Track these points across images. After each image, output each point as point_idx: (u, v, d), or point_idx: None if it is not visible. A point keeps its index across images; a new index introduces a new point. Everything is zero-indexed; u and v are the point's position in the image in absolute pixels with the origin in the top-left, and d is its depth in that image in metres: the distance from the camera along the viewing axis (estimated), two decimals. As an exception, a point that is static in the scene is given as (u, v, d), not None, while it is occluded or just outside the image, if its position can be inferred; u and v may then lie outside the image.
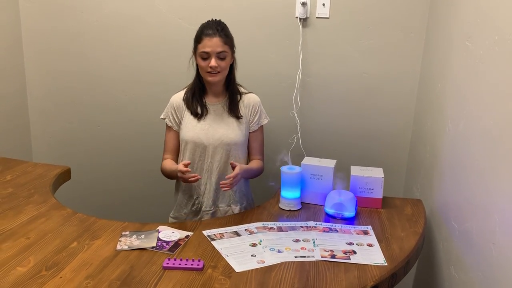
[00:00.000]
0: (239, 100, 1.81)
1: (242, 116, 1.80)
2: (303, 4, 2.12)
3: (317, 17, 2.16)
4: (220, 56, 1.68)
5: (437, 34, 1.92)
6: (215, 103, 1.80)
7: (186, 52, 1.76)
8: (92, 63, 2.40)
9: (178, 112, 1.81)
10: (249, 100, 1.83)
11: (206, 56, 1.68)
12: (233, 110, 1.79)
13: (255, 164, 1.83)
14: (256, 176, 1.87)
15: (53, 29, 2.38)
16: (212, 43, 1.66)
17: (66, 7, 2.34)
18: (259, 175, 1.87)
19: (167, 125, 1.84)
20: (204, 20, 1.74)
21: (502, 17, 1.24)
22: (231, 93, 1.80)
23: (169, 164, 1.78)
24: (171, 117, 1.82)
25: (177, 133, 1.82)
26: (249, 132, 1.84)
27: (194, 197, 1.82)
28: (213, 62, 1.67)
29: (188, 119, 1.78)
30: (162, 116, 1.85)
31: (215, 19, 1.75)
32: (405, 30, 2.13)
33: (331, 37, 2.18)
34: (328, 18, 2.16)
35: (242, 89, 1.84)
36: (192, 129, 1.77)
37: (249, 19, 2.20)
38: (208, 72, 1.70)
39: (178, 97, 1.83)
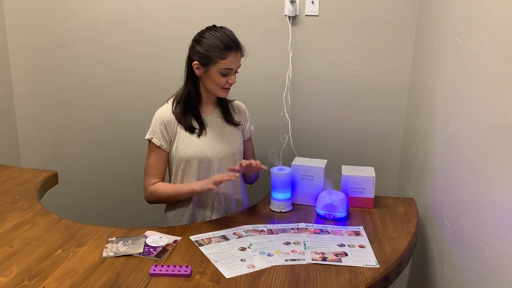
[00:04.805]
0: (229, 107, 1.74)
1: (240, 122, 1.73)
2: (292, 2, 2.09)
3: (306, 15, 2.13)
4: (236, 71, 1.61)
5: (427, 30, 1.90)
6: (210, 113, 1.69)
7: (175, 52, 1.71)
8: (79, 65, 2.36)
9: (169, 129, 1.63)
10: (238, 108, 1.76)
11: (227, 73, 1.57)
12: (229, 117, 1.71)
13: None
14: (254, 178, 1.80)
15: (39, 31, 2.34)
16: (237, 60, 1.58)
17: (52, 9, 2.30)
18: (256, 179, 1.82)
19: (154, 145, 1.63)
20: (193, 20, 1.69)
21: (492, 13, 1.22)
22: (224, 101, 1.72)
23: (170, 186, 1.64)
24: (160, 135, 1.62)
25: (166, 154, 1.65)
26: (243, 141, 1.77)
27: (199, 221, 1.68)
28: (233, 78, 1.58)
29: (184, 134, 1.63)
30: (147, 137, 1.64)
31: (228, 30, 1.59)
32: (395, 26, 2.11)
33: (321, 35, 2.16)
34: (317, 16, 2.13)
35: None
36: (192, 144, 1.62)
37: (237, 18, 2.17)
38: (224, 88, 1.61)
39: (166, 111, 1.64)
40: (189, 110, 1.64)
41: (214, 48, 1.54)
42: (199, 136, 1.64)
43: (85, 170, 2.50)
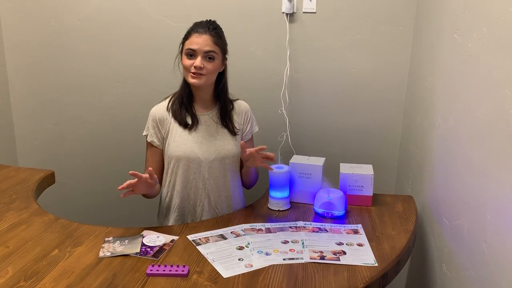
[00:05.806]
0: (231, 110, 1.68)
1: (238, 130, 1.68)
2: (289, -2, 2.08)
3: (303, 12, 2.12)
4: (207, 57, 1.54)
5: (426, 26, 1.89)
6: (204, 113, 1.65)
7: (172, 50, 1.68)
8: (76, 63, 2.34)
9: (161, 126, 1.63)
10: (240, 108, 1.71)
11: (192, 54, 1.54)
12: (226, 122, 1.66)
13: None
14: (253, 179, 1.77)
15: (34, 29, 2.32)
16: (201, 40, 1.53)
17: (47, 7, 2.28)
18: (255, 181, 1.79)
19: (147, 141, 1.67)
20: (189, 17, 1.68)
21: (490, 9, 1.21)
22: (223, 104, 1.66)
23: None
24: (152, 131, 1.64)
25: (159, 151, 1.66)
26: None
27: (188, 221, 1.65)
28: (198, 61, 1.52)
29: (176, 132, 1.62)
30: (144, 133, 1.68)
31: (210, 19, 1.62)
32: (393, 23, 2.09)
33: (318, 32, 2.14)
34: (315, 12, 2.12)
35: (229, 96, 1.71)
36: (183, 142, 1.61)
37: (234, 15, 2.16)
38: (192, 73, 1.54)
39: (160, 109, 1.65)
40: (183, 105, 1.63)
41: (185, 33, 1.60)
42: (190, 130, 1.62)
43: (82, 169, 2.49)
